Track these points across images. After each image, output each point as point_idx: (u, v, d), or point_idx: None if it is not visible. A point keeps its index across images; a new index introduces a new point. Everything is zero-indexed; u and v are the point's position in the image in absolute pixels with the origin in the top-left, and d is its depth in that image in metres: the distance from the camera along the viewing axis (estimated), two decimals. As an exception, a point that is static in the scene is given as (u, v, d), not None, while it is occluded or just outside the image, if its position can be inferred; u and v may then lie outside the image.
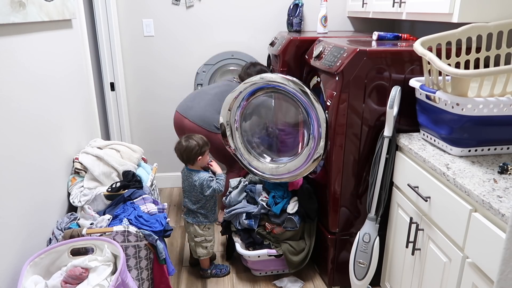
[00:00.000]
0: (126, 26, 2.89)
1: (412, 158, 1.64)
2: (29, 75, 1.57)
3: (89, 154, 1.96)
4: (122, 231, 1.59)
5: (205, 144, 2.07)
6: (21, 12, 1.48)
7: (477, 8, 1.64)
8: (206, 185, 2.05)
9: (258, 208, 2.15)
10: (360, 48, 1.74)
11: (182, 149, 2.04)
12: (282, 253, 2.13)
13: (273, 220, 2.15)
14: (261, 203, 2.15)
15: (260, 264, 2.22)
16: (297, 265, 2.16)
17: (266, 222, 2.18)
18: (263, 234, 2.17)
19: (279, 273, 2.27)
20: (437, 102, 1.53)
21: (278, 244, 2.15)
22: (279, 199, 2.17)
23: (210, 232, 2.19)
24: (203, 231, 2.16)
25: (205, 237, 2.17)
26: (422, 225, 1.55)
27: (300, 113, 2.04)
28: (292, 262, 2.14)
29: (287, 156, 2.15)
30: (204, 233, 2.16)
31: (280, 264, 2.23)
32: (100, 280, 1.38)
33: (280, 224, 2.15)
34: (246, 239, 2.21)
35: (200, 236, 2.16)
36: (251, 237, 2.20)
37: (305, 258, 2.17)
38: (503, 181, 1.28)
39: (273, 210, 2.13)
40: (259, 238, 2.18)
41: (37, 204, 1.59)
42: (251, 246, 2.21)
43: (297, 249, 2.15)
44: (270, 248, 2.16)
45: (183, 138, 2.07)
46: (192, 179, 2.07)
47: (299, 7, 2.80)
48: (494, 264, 1.12)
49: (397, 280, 1.82)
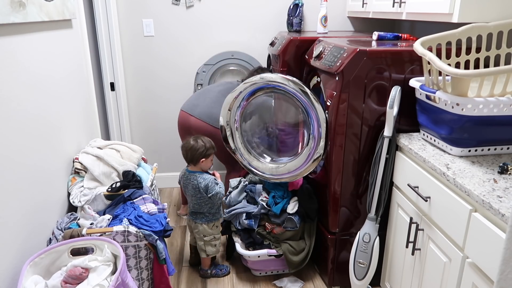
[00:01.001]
0: (126, 26, 2.89)
1: (412, 158, 1.64)
2: (29, 75, 1.57)
3: (89, 154, 1.96)
4: (122, 231, 1.59)
5: (212, 147, 2.09)
6: (21, 12, 1.48)
7: (477, 8, 1.64)
8: (212, 186, 2.06)
9: (258, 208, 2.15)
10: (360, 48, 1.74)
11: (189, 147, 2.06)
12: (282, 253, 2.13)
13: (273, 220, 2.15)
14: (261, 203, 2.15)
15: (260, 264, 2.22)
16: (297, 265, 2.16)
17: (266, 222, 2.18)
18: (263, 234, 2.17)
19: (279, 273, 2.27)
20: (437, 102, 1.53)
21: (278, 244, 2.15)
22: (279, 199, 2.17)
23: (218, 230, 2.22)
24: (212, 229, 2.18)
25: (214, 235, 2.19)
26: (422, 225, 1.55)
27: (300, 113, 2.04)
28: (292, 262, 2.14)
29: (287, 156, 2.15)
30: (213, 232, 2.19)
31: (280, 264, 2.23)
32: (100, 280, 1.38)
33: (280, 224, 2.15)
34: (246, 239, 2.21)
35: (210, 234, 2.18)
36: (251, 237, 2.20)
37: (305, 258, 2.17)
38: (503, 181, 1.28)
39: (273, 210, 2.13)
40: (259, 238, 2.18)
41: (37, 204, 1.59)
42: (251, 246, 2.21)
43: (297, 249, 2.15)
44: (270, 248, 2.16)
45: (192, 138, 2.09)
46: (196, 181, 2.08)
47: (299, 7, 2.80)
48: (494, 264, 1.12)
49: (397, 280, 1.82)
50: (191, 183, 2.10)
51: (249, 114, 2.20)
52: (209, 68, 2.99)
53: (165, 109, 3.10)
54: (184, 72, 3.04)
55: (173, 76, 3.05)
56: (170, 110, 3.10)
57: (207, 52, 3.00)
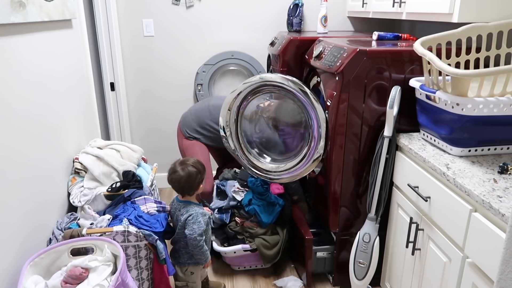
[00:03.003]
0: (126, 26, 2.89)
1: (412, 158, 1.64)
2: (29, 75, 1.57)
3: (89, 154, 1.96)
4: (122, 231, 1.59)
5: (203, 167, 1.82)
6: (21, 12, 1.48)
7: (477, 8, 1.64)
8: (193, 221, 1.71)
9: (227, 201, 2.21)
10: (360, 48, 1.74)
11: (182, 180, 1.74)
12: (256, 247, 2.16)
13: (242, 214, 2.20)
14: (231, 195, 2.19)
15: (238, 260, 2.26)
16: (271, 259, 2.19)
17: (237, 216, 2.22)
18: (236, 230, 2.21)
19: (257, 268, 2.31)
20: (437, 102, 1.53)
21: (252, 239, 2.19)
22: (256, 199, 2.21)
23: (193, 278, 1.84)
24: (184, 274, 1.83)
25: (187, 283, 1.85)
26: (422, 225, 1.55)
27: (300, 113, 2.04)
28: (266, 256, 2.17)
29: (287, 156, 2.15)
30: (186, 278, 1.84)
31: (256, 259, 2.27)
32: (100, 280, 1.38)
33: (248, 217, 2.19)
34: (220, 235, 2.26)
35: (181, 280, 1.84)
36: (224, 232, 2.25)
37: (278, 251, 2.20)
38: (503, 181, 1.28)
39: (243, 203, 2.18)
40: (231, 232, 2.22)
41: (37, 204, 1.59)
42: (225, 242, 2.25)
43: (271, 242, 2.18)
44: (244, 243, 2.19)
45: (178, 166, 1.76)
46: (179, 212, 1.78)
47: (299, 7, 2.80)
48: (494, 264, 1.12)
49: (397, 280, 1.82)
50: (175, 214, 1.81)
51: (248, 114, 2.20)
52: (209, 68, 2.99)
53: (165, 109, 3.11)
54: (184, 72, 3.04)
55: (173, 76, 3.05)
56: (170, 110, 3.10)
57: (207, 52, 3.00)
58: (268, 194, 2.20)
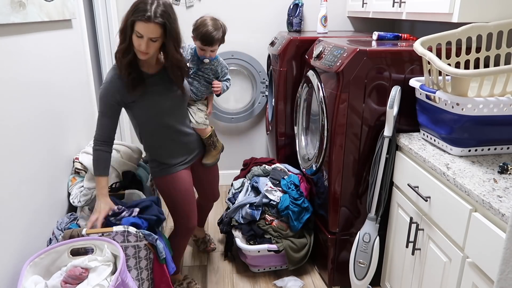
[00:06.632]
0: (126, 26, 2.88)
1: (412, 158, 1.64)
2: (29, 75, 1.57)
3: (89, 154, 1.95)
4: (122, 231, 1.59)
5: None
6: (21, 12, 1.48)
7: (477, 8, 1.64)
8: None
9: (260, 198, 2.18)
10: (360, 48, 1.74)
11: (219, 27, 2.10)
12: (283, 249, 2.14)
13: (273, 213, 2.18)
14: (264, 193, 2.17)
15: (259, 260, 2.22)
16: (297, 262, 2.18)
17: (267, 214, 2.20)
18: (264, 228, 2.19)
19: (277, 269, 2.28)
20: (437, 102, 1.53)
21: (280, 240, 2.17)
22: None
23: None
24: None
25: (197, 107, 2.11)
26: (422, 225, 1.55)
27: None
28: (293, 258, 2.16)
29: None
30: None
31: (279, 260, 2.24)
32: (100, 280, 1.38)
33: (278, 217, 2.17)
34: (247, 232, 2.20)
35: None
36: (252, 229, 2.20)
37: (305, 255, 2.19)
38: (503, 181, 1.28)
39: (279, 207, 2.15)
40: (259, 230, 2.18)
41: (37, 204, 1.59)
42: (251, 240, 2.21)
43: (298, 246, 2.17)
44: (271, 243, 2.16)
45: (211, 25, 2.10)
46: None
47: (299, 7, 2.80)
48: (494, 264, 1.12)
49: (397, 280, 1.82)
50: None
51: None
52: (209, 68, 2.98)
53: (165, 109, 3.10)
54: (184, 72, 3.03)
55: (173, 76, 3.04)
56: (170, 110, 3.10)
57: (207, 52, 2.99)
58: (303, 199, 2.18)
